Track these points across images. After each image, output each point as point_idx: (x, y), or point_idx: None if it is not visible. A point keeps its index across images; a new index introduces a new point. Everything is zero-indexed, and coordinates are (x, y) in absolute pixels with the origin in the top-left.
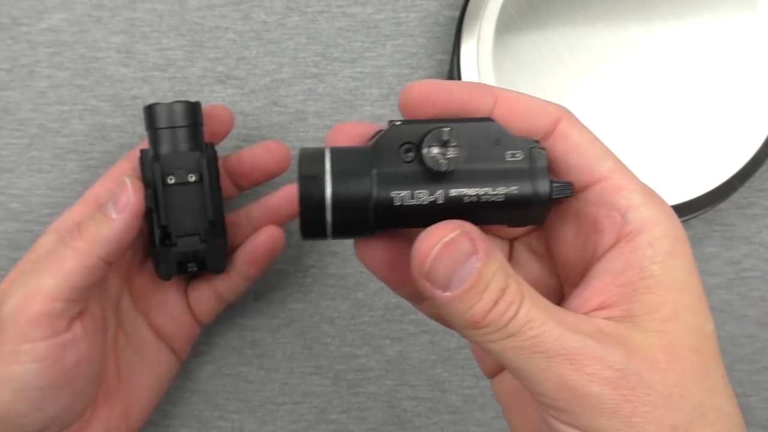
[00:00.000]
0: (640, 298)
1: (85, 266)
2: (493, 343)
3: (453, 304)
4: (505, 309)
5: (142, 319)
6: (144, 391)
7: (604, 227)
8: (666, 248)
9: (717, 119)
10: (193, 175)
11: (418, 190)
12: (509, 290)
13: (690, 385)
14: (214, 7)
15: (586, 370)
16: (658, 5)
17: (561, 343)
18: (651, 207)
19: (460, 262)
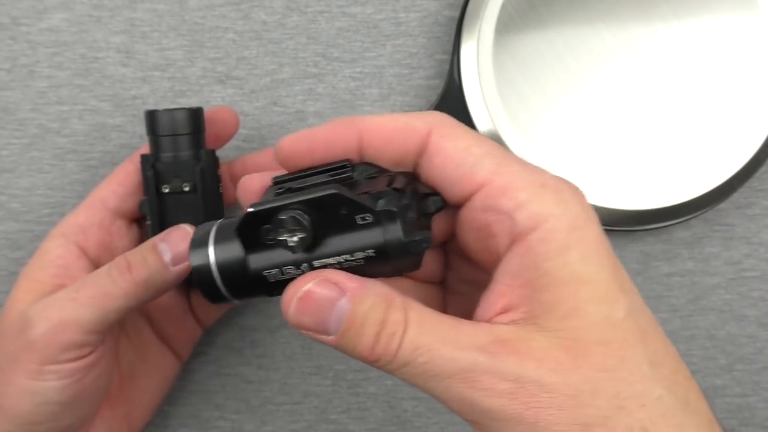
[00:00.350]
0: (538, 298)
1: (128, 307)
2: (395, 372)
3: (339, 345)
4: (388, 341)
5: (144, 322)
6: (146, 392)
7: (496, 232)
8: (559, 242)
9: (717, 119)
10: (187, 185)
11: (286, 267)
12: (389, 322)
13: (600, 379)
14: (214, 7)
15: (481, 386)
16: (659, 5)
17: (452, 364)
18: (540, 201)
19: (327, 308)
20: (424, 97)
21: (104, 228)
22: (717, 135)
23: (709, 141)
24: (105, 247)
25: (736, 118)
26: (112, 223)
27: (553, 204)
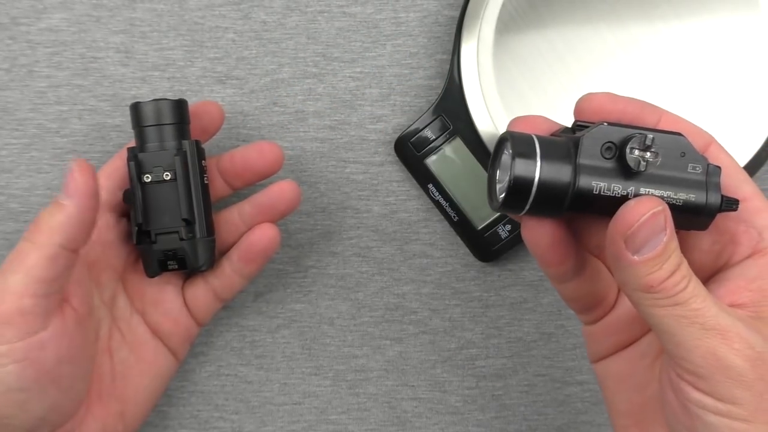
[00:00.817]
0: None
1: (47, 257)
2: (658, 308)
3: (638, 267)
4: (678, 280)
5: (138, 319)
6: (140, 390)
7: (741, 241)
8: None
9: (718, 119)
10: (168, 173)
11: (615, 184)
12: (683, 266)
13: None
14: (214, 7)
15: (734, 345)
16: (659, 5)
17: (717, 319)
18: None
19: (655, 233)
20: (424, 97)
21: None
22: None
23: None
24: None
25: (737, 118)
26: (100, 216)
27: None
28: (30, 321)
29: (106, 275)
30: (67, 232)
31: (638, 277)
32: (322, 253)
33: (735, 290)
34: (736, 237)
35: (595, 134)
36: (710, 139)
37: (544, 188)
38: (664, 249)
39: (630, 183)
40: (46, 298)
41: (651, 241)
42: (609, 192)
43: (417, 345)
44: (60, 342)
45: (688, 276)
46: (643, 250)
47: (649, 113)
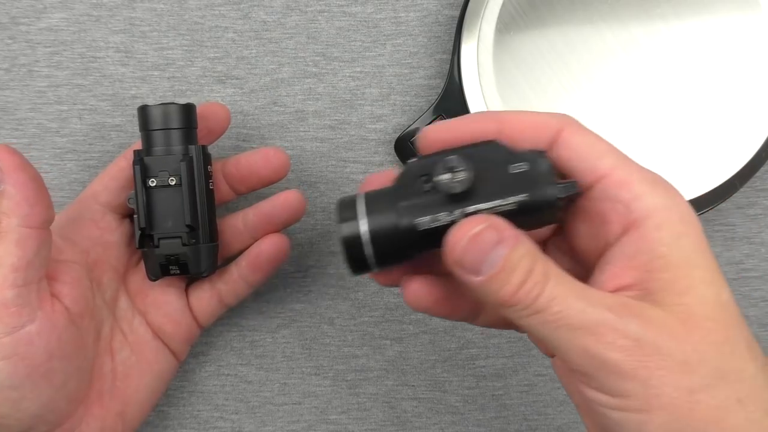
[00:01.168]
0: (654, 277)
1: (13, 243)
2: (523, 319)
3: (484, 286)
4: (530, 288)
5: (140, 319)
6: (141, 390)
7: (611, 219)
8: (672, 230)
9: (718, 119)
10: (173, 178)
11: (440, 213)
12: (535, 272)
13: (707, 351)
14: (214, 7)
15: (605, 339)
16: (660, 5)
17: (582, 316)
18: (654, 194)
19: (487, 250)
20: (424, 96)
21: (94, 222)
22: (718, 135)
23: (710, 141)
24: (95, 241)
25: (737, 118)
26: (102, 217)
27: (665, 198)
28: (14, 314)
29: (107, 276)
30: (18, 210)
31: (490, 295)
32: (322, 253)
33: (618, 273)
34: (605, 216)
35: (408, 171)
36: (560, 125)
37: (377, 241)
38: (504, 264)
39: (456, 206)
40: (26, 287)
41: (488, 259)
42: (436, 223)
43: (417, 345)
44: (49, 337)
45: (542, 280)
46: (484, 269)
47: (485, 124)
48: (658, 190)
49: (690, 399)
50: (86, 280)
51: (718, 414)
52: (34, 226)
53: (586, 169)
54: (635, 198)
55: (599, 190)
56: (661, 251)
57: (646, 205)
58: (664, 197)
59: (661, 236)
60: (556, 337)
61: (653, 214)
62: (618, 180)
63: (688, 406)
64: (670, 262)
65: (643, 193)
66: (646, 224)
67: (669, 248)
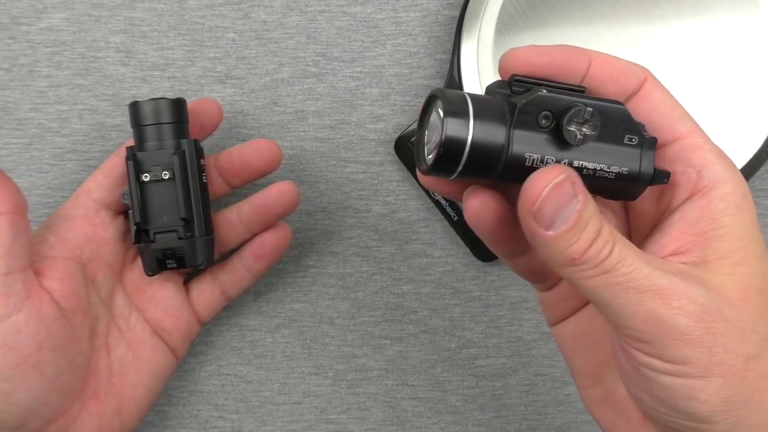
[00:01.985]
0: (713, 245)
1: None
2: (587, 280)
3: (555, 242)
4: (601, 247)
5: (137, 316)
6: (138, 387)
7: (680, 182)
8: (736, 203)
9: (717, 119)
10: (167, 173)
11: (548, 156)
12: (604, 231)
13: (758, 321)
14: (214, 7)
15: (673, 303)
16: (660, 5)
17: (651, 280)
18: (723, 166)
19: (564, 204)
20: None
21: (88, 219)
22: (717, 135)
23: None
24: (88, 237)
25: (737, 118)
26: (96, 214)
27: (732, 172)
28: (0, 303)
29: (102, 273)
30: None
31: (558, 253)
32: (322, 253)
33: (678, 237)
34: (674, 179)
35: (533, 102)
36: (644, 75)
37: (477, 151)
38: (578, 219)
39: (564, 154)
40: (9, 276)
41: (562, 213)
42: (542, 164)
43: (417, 344)
44: (38, 327)
45: (611, 240)
46: (557, 223)
47: (578, 59)
48: (726, 163)
49: (745, 366)
50: (79, 276)
51: (763, 383)
52: (5, 212)
53: (663, 125)
54: (707, 165)
55: (674, 150)
56: (724, 221)
57: (716, 175)
58: (731, 171)
59: (726, 207)
60: (622, 300)
61: (720, 185)
62: (694, 144)
63: (742, 373)
64: (731, 232)
65: (714, 162)
66: (712, 193)
67: (731, 220)
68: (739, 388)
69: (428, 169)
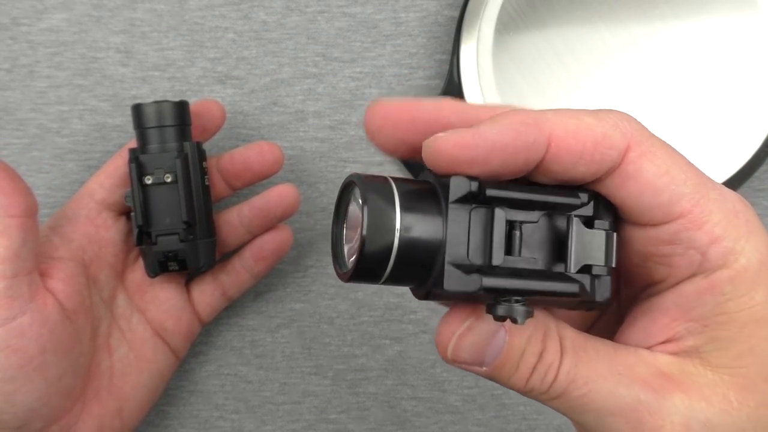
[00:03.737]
0: (711, 335)
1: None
2: (546, 402)
3: (492, 376)
4: (544, 373)
5: (139, 317)
6: (139, 388)
7: (679, 265)
8: (747, 281)
9: (717, 119)
10: (169, 176)
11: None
12: (546, 353)
13: (763, 416)
14: (214, 7)
15: (646, 426)
16: (658, 5)
17: (613, 400)
18: (735, 236)
19: (484, 343)
20: (424, 97)
21: (90, 219)
22: (717, 135)
23: (709, 141)
24: (91, 238)
25: (736, 118)
26: (98, 215)
27: (745, 238)
28: (4, 305)
29: (104, 274)
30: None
31: (505, 384)
32: (322, 253)
33: (670, 324)
34: (673, 261)
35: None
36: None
37: (405, 262)
38: (508, 351)
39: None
40: (16, 278)
41: (489, 349)
42: (472, 299)
43: (416, 344)
44: (41, 330)
45: (556, 361)
46: (487, 359)
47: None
48: (739, 227)
49: None
50: (81, 277)
51: None
52: (16, 215)
53: (659, 205)
54: (714, 242)
55: (671, 230)
56: (728, 307)
57: (724, 251)
58: (744, 237)
59: (733, 289)
60: (586, 421)
61: (729, 263)
62: (696, 220)
63: None
64: (734, 319)
65: (723, 235)
66: (718, 274)
67: (737, 304)
68: None
69: (349, 275)
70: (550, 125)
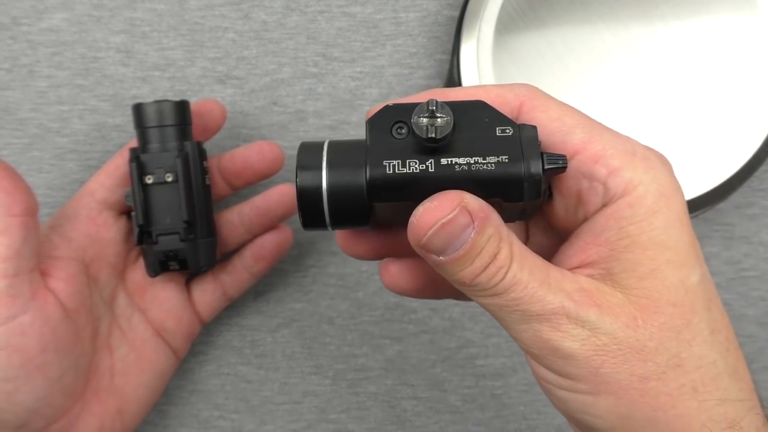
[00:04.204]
0: (618, 257)
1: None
2: (479, 299)
3: (445, 266)
4: (494, 273)
5: (139, 316)
6: (140, 388)
7: (589, 199)
8: (646, 207)
9: (717, 119)
10: (170, 175)
11: (410, 159)
12: (500, 255)
13: (666, 338)
14: (214, 7)
15: (560, 328)
16: (658, 5)
17: (541, 305)
18: (632, 168)
19: (456, 235)
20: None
21: (91, 219)
22: (717, 135)
23: (709, 141)
24: (92, 238)
25: (736, 118)
26: (99, 214)
27: (643, 171)
28: (6, 304)
29: (105, 273)
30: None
31: (450, 274)
32: (322, 253)
33: (583, 248)
34: (582, 196)
35: (382, 115)
36: (518, 100)
37: (336, 197)
38: (471, 247)
39: (429, 157)
40: (17, 277)
41: (454, 243)
42: (405, 169)
43: (417, 344)
44: (43, 329)
45: (506, 265)
46: (447, 251)
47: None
48: (636, 163)
49: (641, 386)
50: (82, 276)
51: (668, 401)
52: (17, 214)
53: (554, 145)
54: (612, 173)
55: (573, 168)
56: (629, 230)
57: (623, 181)
58: (642, 171)
59: (633, 214)
60: (510, 320)
61: (629, 190)
62: (592, 155)
63: (638, 392)
64: (636, 242)
65: (620, 167)
66: (619, 201)
67: (638, 227)
68: (636, 407)
69: (302, 224)
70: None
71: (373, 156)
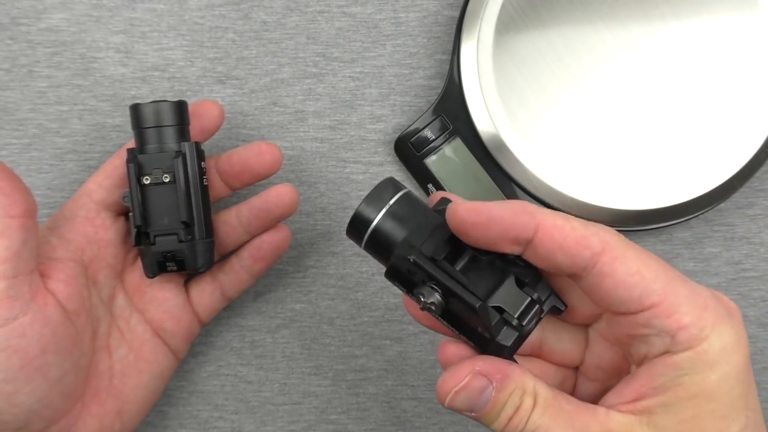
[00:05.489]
0: (664, 399)
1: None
2: None
3: (479, 420)
4: (518, 422)
5: (138, 317)
6: (139, 389)
7: (654, 343)
8: (706, 362)
9: (717, 119)
10: (167, 176)
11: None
12: (522, 406)
13: None
14: (214, 7)
15: None
16: (659, 5)
17: None
18: (700, 326)
19: (476, 397)
20: (424, 97)
21: (89, 220)
22: (717, 135)
23: (710, 141)
24: (90, 239)
25: (736, 118)
26: (97, 215)
27: (711, 327)
28: (6, 305)
29: (103, 274)
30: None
31: (486, 425)
32: (322, 253)
33: (637, 389)
34: (648, 340)
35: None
36: (601, 247)
37: (378, 236)
38: (493, 405)
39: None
40: (17, 278)
41: (478, 401)
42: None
43: (417, 345)
44: (42, 330)
45: (528, 413)
46: (475, 408)
47: (524, 222)
48: (706, 319)
49: None
50: (82, 277)
51: None
52: (16, 215)
53: (631, 299)
54: (681, 329)
55: (645, 318)
56: (683, 380)
57: (690, 337)
58: (710, 327)
59: (691, 366)
60: None
61: (694, 345)
62: (666, 311)
63: None
64: (687, 390)
65: (690, 324)
66: (682, 354)
67: (692, 378)
68: None
69: (346, 231)
70: (542, 216)
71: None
